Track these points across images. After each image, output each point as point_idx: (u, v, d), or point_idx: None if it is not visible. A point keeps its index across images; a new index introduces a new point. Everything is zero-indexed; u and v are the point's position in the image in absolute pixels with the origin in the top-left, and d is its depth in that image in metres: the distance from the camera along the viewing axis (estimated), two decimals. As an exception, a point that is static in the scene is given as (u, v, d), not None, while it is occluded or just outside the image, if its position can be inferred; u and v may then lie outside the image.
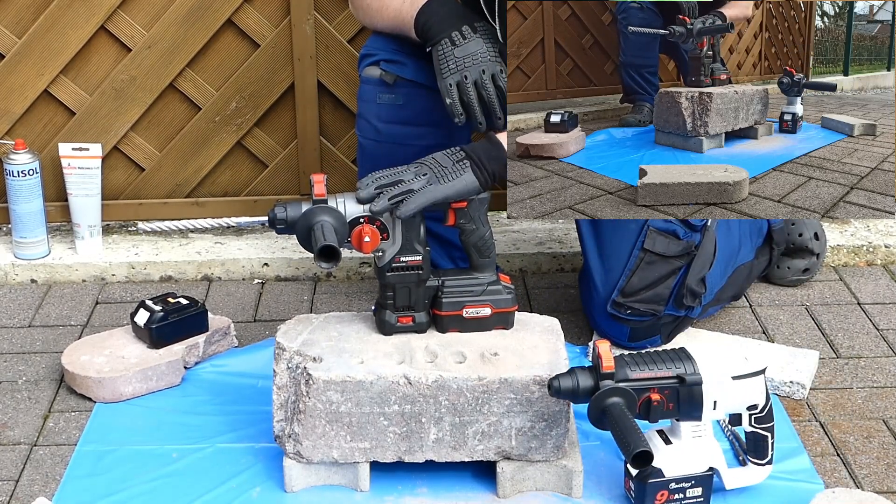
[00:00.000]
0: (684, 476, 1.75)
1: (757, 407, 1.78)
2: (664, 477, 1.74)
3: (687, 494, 1.76)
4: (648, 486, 1.73)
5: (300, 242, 1.77)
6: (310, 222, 1.74)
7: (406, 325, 1.85)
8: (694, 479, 1.76)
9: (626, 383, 1.69)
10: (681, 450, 1.75)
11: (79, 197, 2.60)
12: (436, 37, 1.94)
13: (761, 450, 1.80)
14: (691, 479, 1.75)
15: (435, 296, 1.85)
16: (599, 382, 1.69)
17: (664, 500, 1.75)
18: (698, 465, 1.76)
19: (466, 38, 1.91)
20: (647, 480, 1.73)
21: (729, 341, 2.24)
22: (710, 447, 1.77)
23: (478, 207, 1.83)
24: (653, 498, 1.74)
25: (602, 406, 1.68)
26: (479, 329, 1.86)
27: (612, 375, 1.68)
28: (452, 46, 1.91)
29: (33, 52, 2.62)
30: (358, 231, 1.77)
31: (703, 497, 1.77)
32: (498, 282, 1.87)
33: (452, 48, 1.91)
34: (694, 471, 1.76)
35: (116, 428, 2.01)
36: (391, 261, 1.82)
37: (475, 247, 1.85)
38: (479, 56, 1.90)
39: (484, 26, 1.95)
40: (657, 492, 1.74)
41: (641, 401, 1.70)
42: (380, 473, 1.83)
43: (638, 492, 1.75)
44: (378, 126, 2.22)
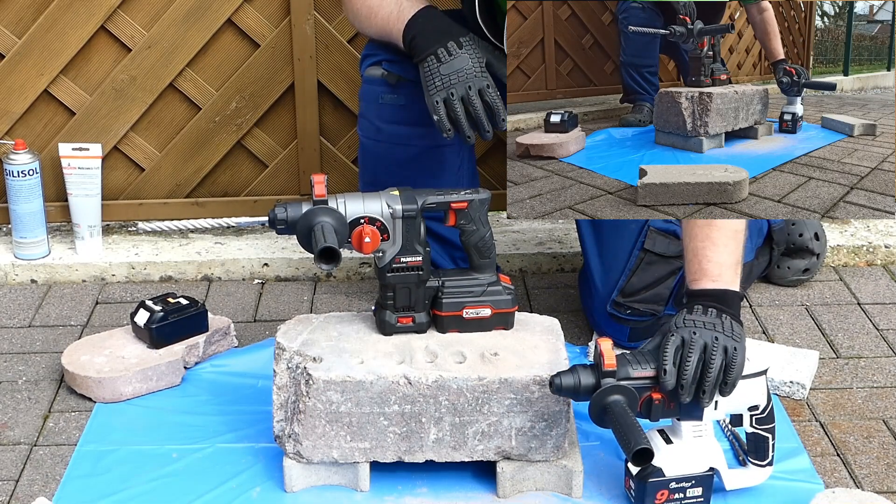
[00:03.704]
0: (685, 476, 1.75)
1: (758, 408, 1.78)
2: (664, 476, 1.74)
3: (687, 494, 1.75)
4: (648, 485, 1.73)
5: (300, 243, 1.77)
6: (310, 223, 1.74)
7: (406, 325, 1.85)
8: (694, 478, 1.75)
9: (627, 381, 1.69)
10: (681, 449, 1.75)
11: (79, 197, 2.60)
12: (421, 53, 1.95)
13: (762, 451, 1.80)
14: (692, 479, 1.75)
15: (435, 296, 1.85)
16: (601, 380, 1.68)
17: (664, 500, 1.75)
18: (699, 465, 1.76)
19: (452, 55, 1.91)
20: (648, 479, 1.73)
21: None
22: (710, 447, 1.77)
23: (479, 208, 1.83)
24: (653, 497, 1.74)
25: (603, 404, 1.67)
26: (479, 329, 1.87)
27: (614, 373, 1.68)
28: (438, 63, 1.91)
29: (33, 52, 2.62)
30: (358, 232, 1.77)
31: (704, 497, 1.77)
32: (498, 282, 1.87)
33: (438, 65, 1.91)
34: (694, 471, 1.75)
35: (116, 428, 2.01)
36: (391, 261, 1.82)
37: (475, 247, 1.85)
38: (465, 72, 1.90)
39: (470, 40, 1.94)
40: (657, 491, 1.74)
41: (643, 399, 1.70)
42: (380, 473, 1.83)
43: (638, 491, 1.75)
44: (380, 126, 2.22)
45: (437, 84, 1.91)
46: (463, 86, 1.89)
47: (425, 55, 1.93)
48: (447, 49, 1.92)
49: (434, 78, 1.91)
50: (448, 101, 1.90)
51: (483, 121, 1.90)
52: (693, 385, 1.67)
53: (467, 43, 1.94)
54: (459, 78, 1.90)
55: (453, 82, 1.89)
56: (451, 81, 1.90)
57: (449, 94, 1.90)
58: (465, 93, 1.89)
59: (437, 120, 1.91)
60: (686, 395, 1.67)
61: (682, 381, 1.66)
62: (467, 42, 1.94)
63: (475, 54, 1.93)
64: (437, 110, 1.91)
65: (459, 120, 1.90)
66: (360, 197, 1.79)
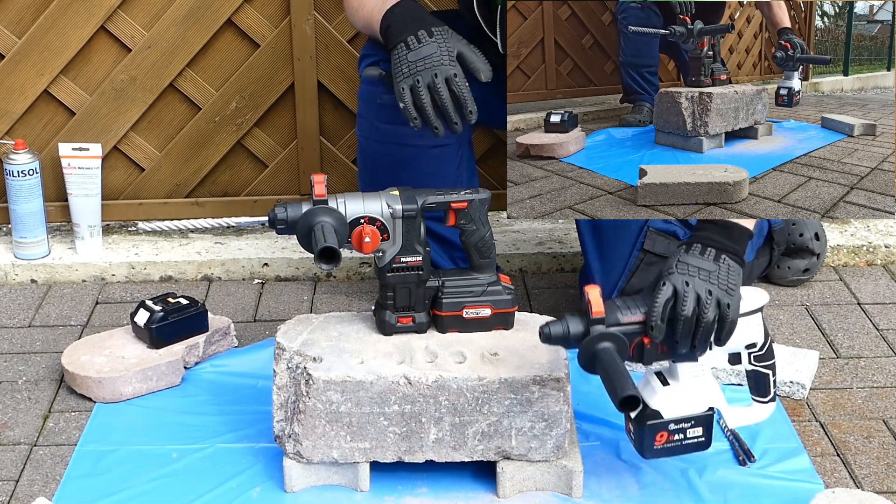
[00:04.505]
0: (683, 417, 1.72)
1: (756, 345, 1.76)
2: (662, 419, 1.72)
3: (687, 435, 1.73)
4: (647, 427, 1.71)
5: (300, 243, 1.77)
6: (310, 223, 1.74)
7: (406, 325, 1.85)
8: (694, 419, 1.73)
9: (617, 328, 1.66)
10: (679, 391, 1.73)
11: (79, 197, 2.60)
12: (393, 41, 1.93)
13: (763, 387, 1.78)
14: (691, 420, 1.73)
15: (435, 296, 1.85)
16: (590, 328, 1.66)
17: (664, 441, 1.72)
18: (698, 406, 1.73)
19: (421, 42, 1.88)
20: (646, 423, 1.71)
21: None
22: (709, 387, 1.74)
23: (479, 208, 1.83)
24: (652, 440, 1.72)
25: (593, 351, 1.65)
26: (479, 329, 1.87)
27: (603, 321, 1.65)
28: (407, 50, 1.88)
29: (33, 52, 2.62)
30: (358, 232, 1.77)
31: (704, 437, 1.74)
32: (498, 282, 1.87)
33: (406, 52, 1.88)
34: (693, 411, 1.73)
35: (116, 428, 2.01)
36: (391, 261, 1.82)
37: (475, 247, 1.85)
38: (431, 60, 1.87)
39: (442, 31, 1.92)
40: (656, 433, 1.72)
41: (634, 344, 1.67)
42: (380, 473, 1.83)
43: (637, 434, 1.73)
44: (378, 126, 2.22)
45: (405, 71, 1.87)
46: (429, 73, 1.86)
47: (396, 42, 1.91)
48: (417, 37, 1.89)
49: (402, 65, 1.88)
50: (414, 88, 1.86)
51: (449, 110, 1.87)
52: (687, 339, 1.66)
53: (438, 33, 1.91)
54: (426, 65, 1.86)
55: (419, 69, 1.86)
56: (418, 68, 1.86)
57: (415, 80, 1.86)
58: (432, 80, 1.86)
59: (402, 107, 1.87)
60: (678, 349, 1.66)
61: (674, 337, 1.65)
62: (439, 32, 1.91)
63: (445, 44, 1.89)
64: (402, 97, 1.87)
65: (425, 108, 1.86)
66: (360, 197, 1.79)
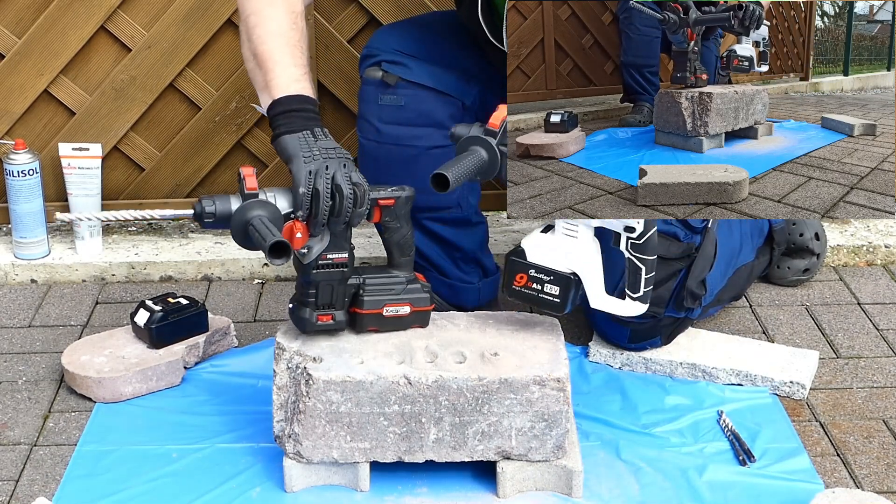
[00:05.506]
0: (544, 266, 1.74)
1: (633, 230, 1.76)
2: (525, 260, 1.75)
3: (544, 288, 1.74)
4: (510, 261, 1.76)
5: (235, 238, 1.72)
6: (246, 217, 1.70)
7: (326, 323, 1.82)
8: (554, 274, 1.74)
9: None
10: (550, 242, 1.74)
11: (79, 197, 2.60)
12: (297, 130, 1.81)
13: (634, 282, 1.79)
14: (551, 274, 1.74)
15: (355, 294, 1.84)
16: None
17: (523, 283, 1.75)
18: (562, 264, 1.75)
19: (327, 137, 1.81)
20: (510, 256, 1.75)
21: (729, 340, 2.24)
22: (583, 253, 1.75)
23: (404, 205, 1.82)
24: (512, 277, 1.76)
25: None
26: (396, 328, 1.86)
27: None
28: (314, 139, 1.80)
29: (33, 52, 2.62)
30: (290, 226, 1.74)
31: (560, 298, 1.75)
32: (416, 280, 1.87)
33: (315, 140, 1.80)
34: (555, 266, 1.75)
35: (116, 428, 2.01)
36: (318, 258, 1.79)
37: (397, 245, 1.84)
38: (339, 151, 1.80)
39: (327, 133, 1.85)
40: (517, 272, 1.75)
41: None
42: (380, 473, 1.83)
43: (505, 266, 1.78)
44: (379, 127, 2.22)
45: (315, 153, 1.78)
46: (338, 161, 1.77)
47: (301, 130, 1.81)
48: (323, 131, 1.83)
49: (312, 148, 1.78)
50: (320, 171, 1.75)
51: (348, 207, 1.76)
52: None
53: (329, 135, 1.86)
54: (337, 153, 1.78)
55: (330, 156, 1.78)
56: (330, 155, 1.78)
57: (324, 166, 1.76)
58: (339, 168, 1.76)
59: (302, 193, 1.74)
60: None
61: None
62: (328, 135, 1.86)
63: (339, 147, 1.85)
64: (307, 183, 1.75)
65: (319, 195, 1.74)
66: (289, 191, 1.76)
